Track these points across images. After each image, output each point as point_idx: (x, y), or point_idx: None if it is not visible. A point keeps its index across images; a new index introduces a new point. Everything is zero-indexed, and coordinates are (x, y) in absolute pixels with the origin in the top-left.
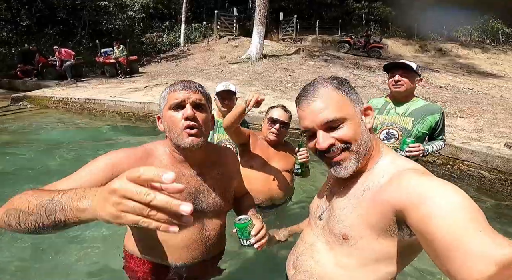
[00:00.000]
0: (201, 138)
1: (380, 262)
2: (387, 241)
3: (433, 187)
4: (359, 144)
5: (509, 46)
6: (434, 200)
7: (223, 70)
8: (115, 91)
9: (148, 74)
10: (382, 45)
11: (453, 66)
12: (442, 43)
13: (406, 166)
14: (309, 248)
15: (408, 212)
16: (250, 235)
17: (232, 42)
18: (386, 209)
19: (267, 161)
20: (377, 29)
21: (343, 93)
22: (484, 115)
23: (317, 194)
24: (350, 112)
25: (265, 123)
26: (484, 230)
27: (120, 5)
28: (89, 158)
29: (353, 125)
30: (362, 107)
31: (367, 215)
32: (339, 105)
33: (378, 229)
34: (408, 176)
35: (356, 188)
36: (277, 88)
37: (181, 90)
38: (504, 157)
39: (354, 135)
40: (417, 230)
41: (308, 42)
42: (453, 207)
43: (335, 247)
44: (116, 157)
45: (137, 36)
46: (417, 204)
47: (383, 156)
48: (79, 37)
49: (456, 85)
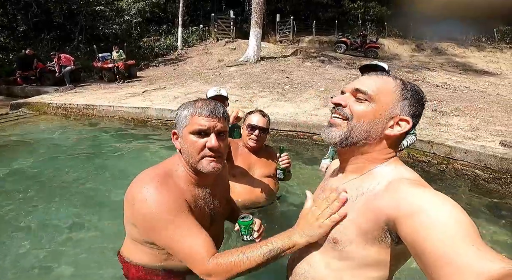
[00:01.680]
0: (221, 164)
1: (370, 267)
2: (375, 248)
3: (427, 199)
4: (358, 125)
5: (504, 44)
6: (427, 212)
7: (221, 73)
8: (114, 96)
9: (146, 78)
10: (378, 45)
11: (450, 64)
12: (438, 42)
13: (403, 175)
14: (303, 251)
15: (399, 222)
16: (253, 231)
17: (230, 45)
18: (378, 217)
19: (249, 169)
20: (373, 29)
21: (399, 91)
22: (480, 113)
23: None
24: (383, 102)
25: (244, 130)
26: (476, 244)
27: (116, 9)
28: (90, 164)
29: (372, 109)
30: (400, 116)
31: (358, 221)
32: (383, 90)
33: (367, 236)
34: (403, 186)
35: (350, 191)
36: (274, 90)
37: (207, 116)
38: (497, 155)
39: (362, 115)
40: (407, 241)
41: (305, 43)
42: (445, 220)
43: (327, 250)
44: (163, 197)
45: (134, 40)
46: (409, 215)
47: (386, 164)
48: (77, 42)
49: (453, 84)
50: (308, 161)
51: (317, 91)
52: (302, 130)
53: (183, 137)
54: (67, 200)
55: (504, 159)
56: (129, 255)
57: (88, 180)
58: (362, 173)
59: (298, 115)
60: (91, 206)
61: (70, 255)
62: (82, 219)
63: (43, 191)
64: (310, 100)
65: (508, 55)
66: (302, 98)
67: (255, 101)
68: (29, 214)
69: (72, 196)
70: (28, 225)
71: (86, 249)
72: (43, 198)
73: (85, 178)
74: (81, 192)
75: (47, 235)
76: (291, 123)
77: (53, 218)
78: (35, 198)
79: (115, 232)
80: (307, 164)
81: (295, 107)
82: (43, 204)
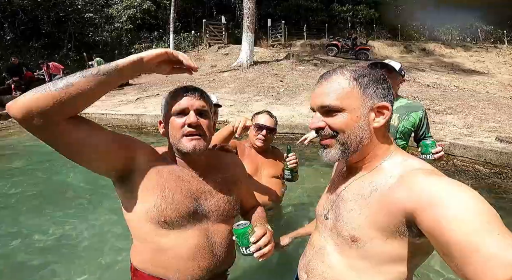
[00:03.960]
0: (203, 143)
1: (392, 263)
2: (396, 243)
3: (445, 189)
4: (346, 137)
5: (489, 44)
6: (447, 202)
7: (214, 78)
8: (106, 104)
9: (139, 85)
10: (369, 47)
11: (438, 65)
12: (425, 43)
13: (415, 166)
14: (318, 252)
15: (418, 214)
16: (249, 242)
17: (222, 50)
18: (395, 211)
19: (256, 170)
20: (362, 31)
21: (357, 84)
22: (472, 111)
23: (322, 196)
24: (352, 104)
25: (251, 130)
26: (502, 233)
27: (106, 16)
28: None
29: (347, 117)
30: (376, 104)
31: (375, 217)
32: (342, 94)
33: (387, 231)
34: (418, 177)
35: (362, 188)
36: (269, 94)
37: (184, 97)
38: (496, 150)
39: (343, 127)
40: (429, 233)
41: (297, 47)
42: (467, 209)
43: (345, 250)
44: (138, 141)
45: (125, 47)
46: (429, 206)
47: (391, 156)
48: (66, 50)
49: (443, 83)
50: (306, 162)
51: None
52: (300, 132)
53: (167, 123)
54: (60, 210)
55: (503, 153)
56: (132, 257)
57: (83, 189)
58: (371, 170)
59: (294, 118)
60: (86, 216)
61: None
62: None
63: (38, 204)
64: (305, 103)
65: (494, 54)
66: (297, 101)
67: (250, 106)
68: (21, 224)
69: (65, 207)
70: (18, 236)
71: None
72: (35, 207)
73: (78, 187)
74: (75, 201)
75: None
76: (288, 125)
77: (45, 228)
78: (25, 208)
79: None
80: (306, 165)
81: (291, 110)
82: (35, 213)
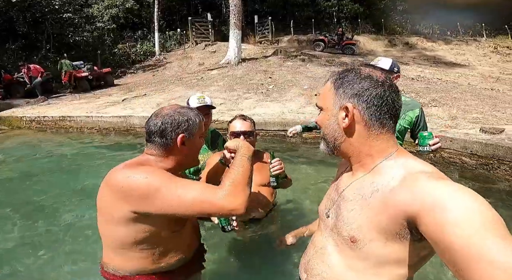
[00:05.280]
0: None
1: (392, 265)
2: (397, 245)
3: (448, 192)
4: (324, 133)
5: (469, 37)
6: (450, 207)
7: (202, 77)
8: (91, 106)
9: (125, 86)
10: (355, 42)
11: (421, 58)
12: (408, 37)
13: (418, 168)
14: (319, 252)
15: (421, 218)
16: (231, 220)
17: (209, 48)
18: (396, 214)
19: None
20: (347, 26)
21: (332, 85)
22: (456, 103)
23: (325, 195)
24: (327, 103)
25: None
26: (506, 238)
27: (86, 16)
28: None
29: (325, 116)
30: (343, 105)
31: (376, 218)
32: (324, 95)
33: (387, 233)
34: (421, 180)
35: (363, 188)
36: (259, 91)
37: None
38: (481, 142)
39: (320, 123)
40: (431, 238)
41: (284, 43)
42: (471, 214)
43: (345, 250)
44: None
45: (108, 47)
46: (432, 210)
47: (391, 156)
48: (45, 51)
49: (426, 76)
50: (299, 161)
51: (301, 90)
52: None
53: (195, 141)
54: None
55: (488, 144)
56: (117, 266)
57: (68, 196)
58: (369, 170)
59: (285, 114)
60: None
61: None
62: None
63: (26, 210)
64: (295, 98)
65: (473, 47)
66: (287, 97)
67: (240, 103)
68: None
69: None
70: None
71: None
72: (18, 215)
73: (63, 195)
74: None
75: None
76: (279, 122)
77: (28, 237)
78: (8, 215)
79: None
80: (299, 164)
81: (281, 107)
82: (17, 221)
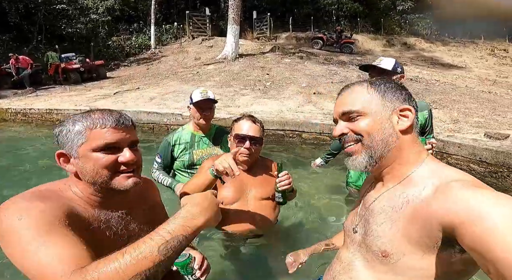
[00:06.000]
0: (140, 178)
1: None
2: (433, 258)
3: (488, 201)
4: (372, 139)
5: (466, 39)
6: (492, 216)
7: (198, 71)
8: (81, 99)
9: (118, 79)
10: (353, 41)
11: (419, 59)
12: (406, 37)
13: (453, 177)
14: (346, 268)
15: (459, 229)
16: (194, 270)
17: (206, 43)
18: (430, 225)
19: (241, 192)
20: (346, 25)
21: (375, 89)
22: (455, 105)
23: (350, 212)
24: (373, 108)
25: (231, 142)
26: None
27: (80, 8)
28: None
29: (370, 121)
30: (398, 107)
31: (408, 231)
32: (362, 100)
33: (422, 246)
34: (457, 188)
35: (393, 200)
36: (256, 88)
37: (114, 128)
38: (492, 149)
39: (367, 129)
40: (472, 249)
41: (282, 39)
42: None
43: (375, 266)
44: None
45: (102, 39)
46: (471, 221)
47: (423, 164)
48: (36, 43)
49: (424, 77)
50: (299, 164)
51: (299, 87)
52: (291, 128)
53: (81, 157)
54: None
55: (499, 152)
56: None
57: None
58: (400, 181)
59: (283, 113)
60: None
61: None
62: None
63: None
64: (293, 96)
65: (471, 49)
66: (285, 95)
67: (237, 100)
68: None
69: None
70: None
71: None
72: None
73: None
74: None
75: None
76: (278, 121)
77: None
78: None
79: None
80: (298, 167)
81: (279, 104)
82: None
